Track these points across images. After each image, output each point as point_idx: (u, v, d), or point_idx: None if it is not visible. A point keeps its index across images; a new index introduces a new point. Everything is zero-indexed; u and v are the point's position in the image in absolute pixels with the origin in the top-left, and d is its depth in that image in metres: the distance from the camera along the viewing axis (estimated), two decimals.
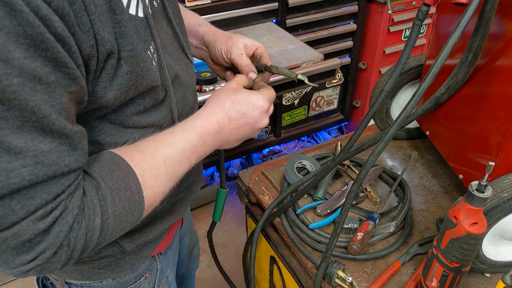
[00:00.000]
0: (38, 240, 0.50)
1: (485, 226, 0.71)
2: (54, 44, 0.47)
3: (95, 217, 0.56)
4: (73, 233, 0.53)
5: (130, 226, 0.63)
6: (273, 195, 1.09)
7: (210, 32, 0.93)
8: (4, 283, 2.06)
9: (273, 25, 2.07)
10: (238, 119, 0.76)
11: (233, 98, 0.76)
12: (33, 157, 0.48)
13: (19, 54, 0.44)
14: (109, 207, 0.57)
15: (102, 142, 0.67)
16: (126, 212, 0.60)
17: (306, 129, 2.52)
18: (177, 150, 0.67)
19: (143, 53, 0.62)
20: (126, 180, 0.60)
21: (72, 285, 0.85)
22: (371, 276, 0.90)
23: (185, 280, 1.34)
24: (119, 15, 0.57)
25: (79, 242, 0.55)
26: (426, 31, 2.45)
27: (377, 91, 1.13)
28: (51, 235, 0.51)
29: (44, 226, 0.50)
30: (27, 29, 0.44)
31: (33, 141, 0.48)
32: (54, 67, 0.48)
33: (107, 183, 0.58)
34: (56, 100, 0.49)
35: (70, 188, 0.53)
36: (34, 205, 0.49)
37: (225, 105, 0.75)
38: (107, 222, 0.57)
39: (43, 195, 0.50)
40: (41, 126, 0.48)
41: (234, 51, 0.87)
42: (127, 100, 0.64)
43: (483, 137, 0.87)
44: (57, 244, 0.52)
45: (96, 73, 0.57)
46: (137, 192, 0.61)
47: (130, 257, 0.83)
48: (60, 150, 0.51)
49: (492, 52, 0.82)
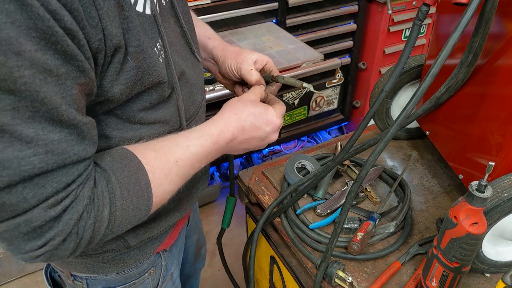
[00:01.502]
0: (48, 227, 0.53)
1: (485, 226, 0.71)
2: (64, 38, 0.48)
3: (104, 208, 0.58)
4: (82, 222, 0.56)
5: (138, 220, 0.65)
6: (273, 195, 1.09)
7: (219, 47, 0.95)
8: (4, 283, 2.06)
9: (273, 25, 2.07)
10: (251, 131, 0.78)
11: (250, 110, 0.78)
12: (43, 146, 0.50)
13: (30, 46, 0.46)
14: (118, 200, 0.60)
15: (109, 136, 0.68)
16: (134, 207, 0.62)
17: (306, 129, 2.52)
18: (190, 154, 0.69)
19: (149, 49, 0.63)
20: (136, 175, 0.62)
21: (77, 277, 0.87)
22: (371, 276, 0.90)
23: (191, 279, 1.34)
24: (126, 11, 0.58)
25: (87, 231, 0.57)
26: (426, 31, 2.44)
27: (377, 91, 1.13)
28: (62, 223, 0.54)
29: (55, 213, 0.52)
30: (38, 22, 0.46)
31: (43, 131, 0.49)
32: (64, 60, 0.49)
33: (118, 177, 0.60)
34: (67, 92, 0.51)
35: (81, 178, 0.55)
36: (45, 194, 0.51)
37: (241, 116, 0.77)
38: (115, 214, 0.60)
39: (54, 184, 0.52)
40: (51, 117, 0.50)
41: (244, 67, 0.90)
42: (133, 96, 0.66)
43: (483, 137, 0.87)
44: (67, 232, 0.54)
45: (104, 66, 0.58)
46: (146, 188, 0.63)
47: (135, 252, 0.84)
48: (69, 140, 0.52)
49: (492, 52, 0.82)
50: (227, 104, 0.80)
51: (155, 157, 0.65)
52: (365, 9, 2.28)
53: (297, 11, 2.12)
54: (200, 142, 0.71)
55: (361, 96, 2.61)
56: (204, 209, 2.43)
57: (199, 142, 0.71)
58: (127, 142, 0.70)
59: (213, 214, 2.39)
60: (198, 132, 0.73)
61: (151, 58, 0.64)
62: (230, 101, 0.81)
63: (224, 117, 0.77)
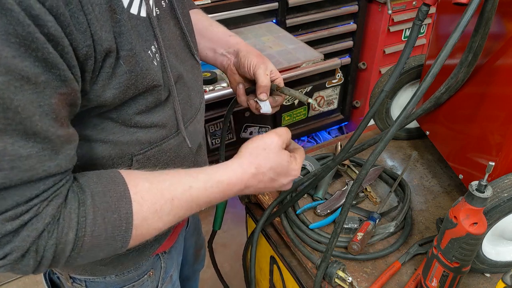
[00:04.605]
0: (6, 240, 0.51)
1: (485, 226, 0.71)
2: (45, 45, 0.47)
3: (69, 231, 0.55)
4: (42, 241, 0.53)
5: (113, 251, 0.60)
6: (273, 195, 1.09)
7: (243, 43, 0.96)
8: (4, 283, 2.06)
9: (273, 25, 2.07)
10: (267, 183, 0.74)
11: (272, 165, 0.73)
12: (10, 161, 0.47)
13: (7, 53, 0.44)
14: (88, 225, 0.56)
15: (105, 140, 0.67)
16: (107, 235, 0.58)
17: (306, 129, 2.52)
18: (190, 196, 0.65)
19: (142, 52, 0.62)
20: (118, 202, 0.58)
21: (76, 279, 0.86)
22: (371, 276, 0.90)
23: (190, 280, 1.34)
24: (119, 14, 0.57)
25: (48, 251, 0.54)
26: (426, 31, 2.44)
27: (377, 91, 1.13)
28: (18, 238, 0.51)
29: (12, 227, 0.50)
30: (17, 28, 0.44)
31: (13, 145, 0.47)
32: (44, 68, 0.48)
33: (95, 201, 0.57)
34: (45, 101, 0.49)
35: (46, 193, 0.53)
36: (5, 206, 0.49)
37: (261, 170, 0.72)
38: (83, 239, 0.56)
39: (15, 198, 0.50)
40: (24, 128, 0.48)
41: (262, 68, 0.90)
42: (128, 99, 0.64)
43: (483, 137, 0.87)
44: (24, 248, 0.52)
45: (95, 72, 0.56)
46: (125, 218, 0.59)
47: (133, 255, 0.84)
48: (41, 155, 0.50)
49: (492, 52, 0.82)
50: (250, 149, 0.73)
51: (149, 188, 0.62)
52: (365, 9, 2.28)
53: (297, 11, 2.12)
54: (206, 186, 0.67)
55: (361, 96, 2.61)
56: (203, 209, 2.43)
57: (204, 186, 0.67)
58: (123, 146, 0.68)
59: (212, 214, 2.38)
60: (207, 176, 0.68)
61: (145, 61, 0.62)
62: (253, 147, 0.73)
63: (243, 167, 0.71)
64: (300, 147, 0.82)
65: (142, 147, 0.71)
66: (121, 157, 0.70)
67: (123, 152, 0.69)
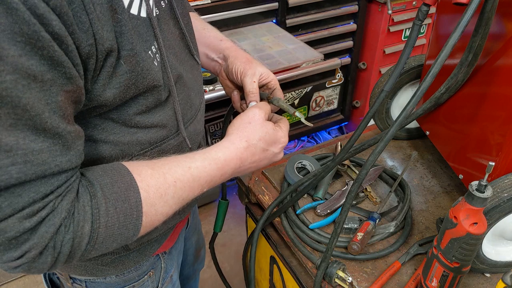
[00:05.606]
0: (24, 239, 0.51)
1: (485, 226, 0.71)
2: (50, 43, 0.47)
3: (84, 223, 0.55)
4: (59, 236, 0.53)
5: (125, 240, 0.62)
6: (273, 195, 1.09)
7: (233, 48, 0.95)
8: (4, 283, 2.06)
9: (273, 25, 2.07)
10: (260, 154, 0.78)
11: (260, 134, 0.77)
12: (23, 155, 0.48)
13: (14, 51, 0.45)
14: (102, 216, 0.57)
15: (106, 140, 0.67)
16: (120, 225, 0.59)
17: (306, 129, 2.52)
18: (191, 176, 0.67)
19: (143, 52, 0.62)
20: (127, 192, 0.60)
21: (76, 280, 0.86)
22: (371, 276, 0.90)
23: (190, 280, 1.34)
24: (119, 14, 0.57)
25: (65, 246, 0.54)
26: (426, 31, 2.45)
27: (377, 91, 1.13)
28: (37, 235, 0.51)
29: (30, 225, 0.51)
30: (23, 27, 0.45)
31: (24, 140, 0.48)
32: (50, 66, 0.48)
33: (105, 192, 0.58)
34: (52, 99, 0.49)
35: (60, 189, 0.53)
36: (21, 203, 0.50)
37: (252, 142, 0.76)
38: (98, 231, 0.57)
39: (31, 194, 0.50)
40: (34, 124, 0.48)
41: (249, 75, 0.89)
42: (128, 99, 0.65)
43: (483, 137, 0.87)
44: (43, 245, 0.52)
45: (96, 71, 0.57)
46: (135, 206, 0.60)
47: (134, 255, 0.84)
48: (52, 150, 0.51)
49: (492, 52, 0.82)
50: (236, 126, 0.78)
51: (152, 174, 0.63)
52: (365, 9, 2.29)
53: (297, 11, 2.12)
54: (204, 164, 0.69)
55: (361, 96, 2.61)
56: (204, 209, 2.43)
57: (202, 164, 0.69)
58: (124, 146, 0.68)
59: (212, 215, 2.39)
60: (203, 155, 0.70)
61: (145, 61, 0.62)
62: (239, 123, 0.78)
63: (234, 143, 0.75)
64: (283, 117, 0.86)
65: (143, 148, 0.71)
66: (121, 157, 0.70)
67: (124, 153, 0.70)
